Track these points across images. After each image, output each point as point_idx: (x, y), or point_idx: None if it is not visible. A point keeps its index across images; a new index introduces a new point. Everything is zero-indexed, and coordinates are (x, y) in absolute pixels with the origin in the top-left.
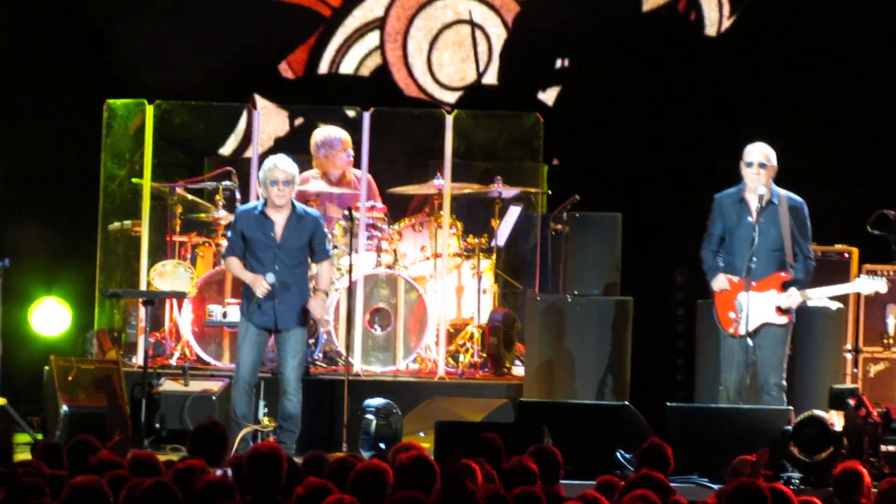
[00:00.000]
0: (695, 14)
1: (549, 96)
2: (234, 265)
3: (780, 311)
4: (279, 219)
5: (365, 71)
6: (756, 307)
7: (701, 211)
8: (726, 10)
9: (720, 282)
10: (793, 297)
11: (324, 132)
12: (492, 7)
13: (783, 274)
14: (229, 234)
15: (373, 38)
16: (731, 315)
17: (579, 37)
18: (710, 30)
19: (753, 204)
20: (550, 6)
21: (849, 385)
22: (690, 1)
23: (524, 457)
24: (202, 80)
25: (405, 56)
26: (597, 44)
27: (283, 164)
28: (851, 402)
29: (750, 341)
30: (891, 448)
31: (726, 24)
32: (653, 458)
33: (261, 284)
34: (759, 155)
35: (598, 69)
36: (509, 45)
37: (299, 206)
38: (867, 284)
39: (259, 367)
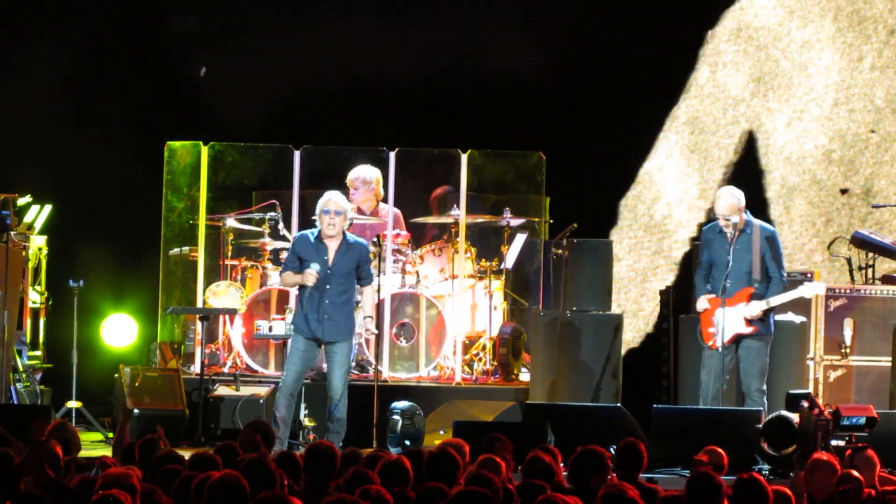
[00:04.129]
0: None
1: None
2: (288, 276)
3: (748, 321)
4: (332, 245)
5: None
6: (729, 321)
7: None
8: None
9: (701, 302)
10: (754, 308)
11: (357, 171)
12: None
13: (751, 289)
14: (287, 254)
15: None
16: (711, 330)
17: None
18: None
19: (730, 234)
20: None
21: (803, 390)
22: None
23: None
24: (251, 123)
25: None
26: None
27: (336, 198)
28: (805, 403)
29: (725, 352)
30: (840, 443)
31: None
32: (629, 456)
33: (310, 275)
34: (723, 208)
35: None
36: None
37: (350, 236)
38: (810, 289)
39: (304, 377)
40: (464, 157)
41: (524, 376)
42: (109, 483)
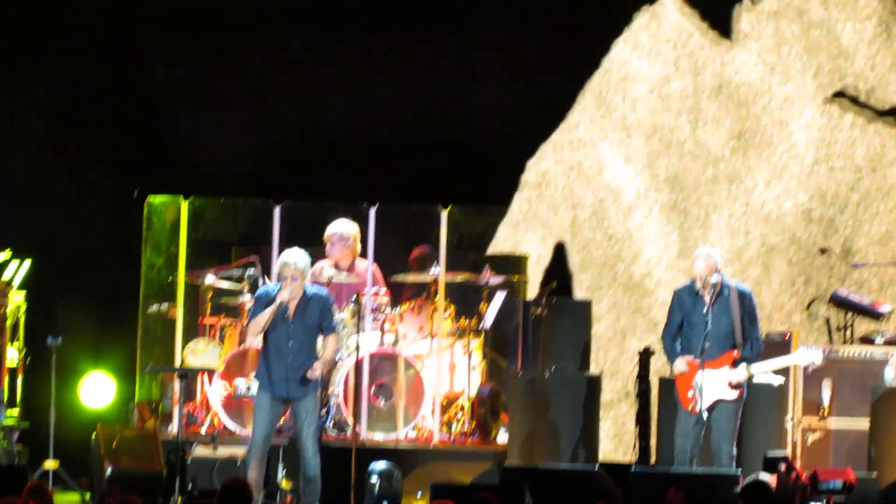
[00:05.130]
0: None
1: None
2: (259, 318)
3: (732, 385)
4: (292, 303)
5: None
6: (710, 385)
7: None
8: None
9: (679, 365)
10: (741, 372)
11: (334, 226)
12: None
13: (734, 353)
14: (253, 307)
15: None
16: (690, 394)
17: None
18: None
19: (706, 295)
20: None
21: (780, 452)
22: None
23: None
24: (231, 177)
25: None
26: None
27: (291, 262)
28: (783, 466)
29: (705, 416)
30: None
31: None
32: None
33: (283, 291)
34: (700, 270)
35: None
36: None
37: (310, 288)
38: (805, 356)
39: (272, 435)
40: (444, 214)
41: (502, 437)
42: None
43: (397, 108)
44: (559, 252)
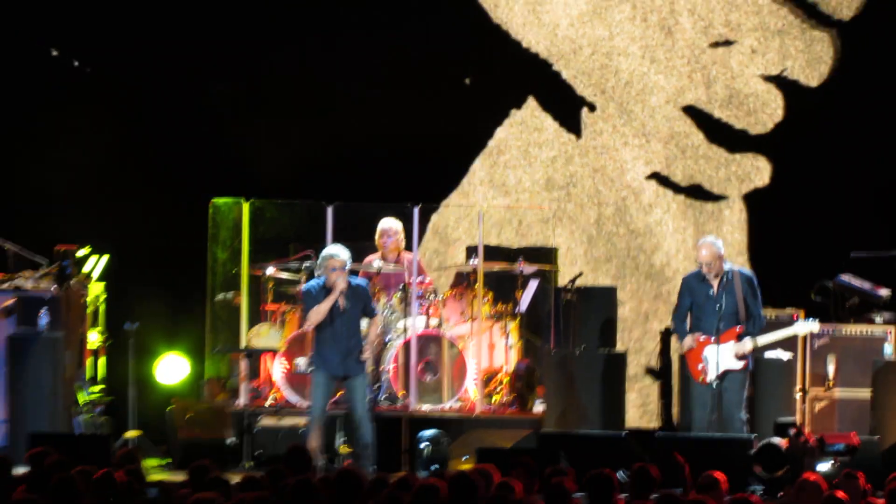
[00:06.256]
0: None
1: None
2: (315, 310)
3: (738, 356)
4: (339, 279)
5: None
6: (720, 357)
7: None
8: None
9: (688, 342)
10: (745, 345)
11: (384, 224)
12: None
13: (738, 329)
14: (305, 301)
15: None
16: (700, 367)
17: None
18: None
19: (713, 281)
20: None
21: (790, 419)
22: None
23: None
24: (288, 180)
25: None
26: None
27: (338, 254)
28: (792, 431)
29: (715, 386)
30: (825, 466)
31: None
32: (643, 478)
33: (338, 283)
34: (705, 257)
35: None
36: None
37: (353, 280)
38: (803, 326)
39: (327, 408)
40: (481, 212)
41: (538, 407)
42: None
43: (436, 119)
44: (586, 244)
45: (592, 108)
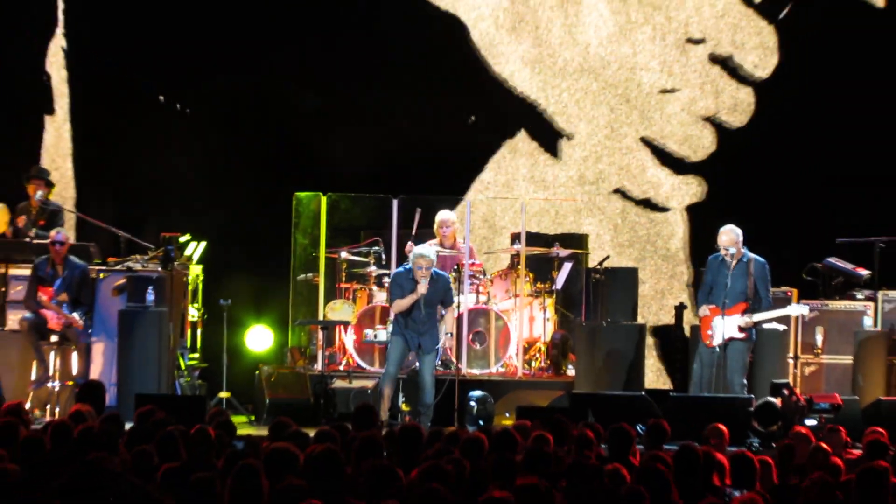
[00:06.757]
0: None
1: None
2: (399, 302)
3: (740, 328)
4: (423, 281)
5: None
6: (725, 327)
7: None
8: None
9: (703, 310)
10: (747, 319)
11: (442, 215)
12: None
13: (744, 305)
14: (392, 288)
15: None
16: (709, 332)
17: None
18: None
19: (730, 263)
20: None
21: (783, 381)
22: None
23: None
24: (359, 178)
25: None
26: None
27: (426, 254)
28: (785, 391)
29: (718, 349)
30: (813, 422)
31: None
32: (657, 432)
33: (420, 289)
34: (725, 242)
35: None
36: None
37: (435, 271)
38: (796, 309)
39: (401, 367)
40: (524, 205)
41: (570, 371)
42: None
43: (488, 125)
44: (612, 232)
45: (570, 137)
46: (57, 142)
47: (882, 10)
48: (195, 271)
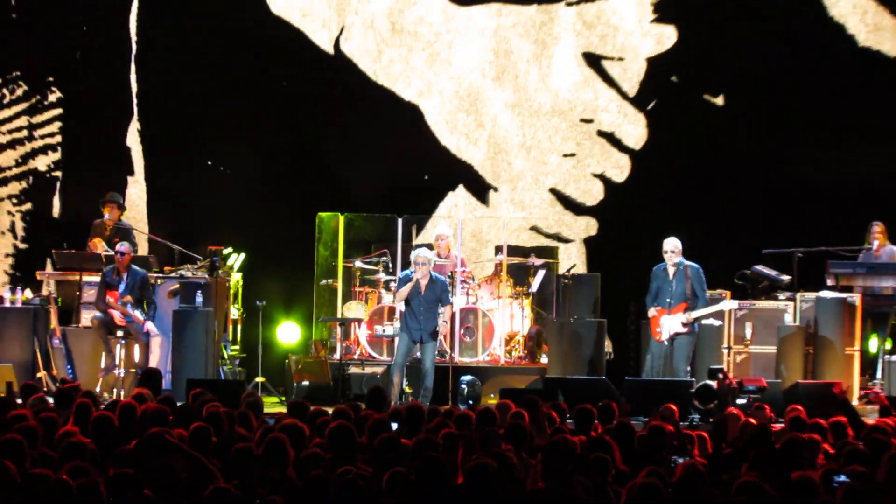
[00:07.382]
0: None
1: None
2: (401, 291)
3: (683, 324)
4: (423, 281)
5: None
6: (671, 324)
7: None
8: None
9: (651, 312)
10: (688, 316)
11: (438, 230)
12: None
13: (685, 305)
14: (398, 284)
15: None
16: (658, 329)
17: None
18: None
19: (671, 270)
20: None
21: (719, 366)
22: None
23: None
24: (370, 200)
25: None
26: None
27: (422, 254)
28: (720, 376)
29: (666, 343)
30: (743, 401)
31: None
32: (606, 411)
33: (416, 276)
34: (668, 246)
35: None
36: None
37: (433, 274)
38: (727, 304)
39: (407, 359)
40: (505, 222)
41: (544, 360)
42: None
43: (479, 148)
44: (578, 244)
45: (496, 189)
46: (138, 192)
47: (721, 106)
48: (236, 278)
